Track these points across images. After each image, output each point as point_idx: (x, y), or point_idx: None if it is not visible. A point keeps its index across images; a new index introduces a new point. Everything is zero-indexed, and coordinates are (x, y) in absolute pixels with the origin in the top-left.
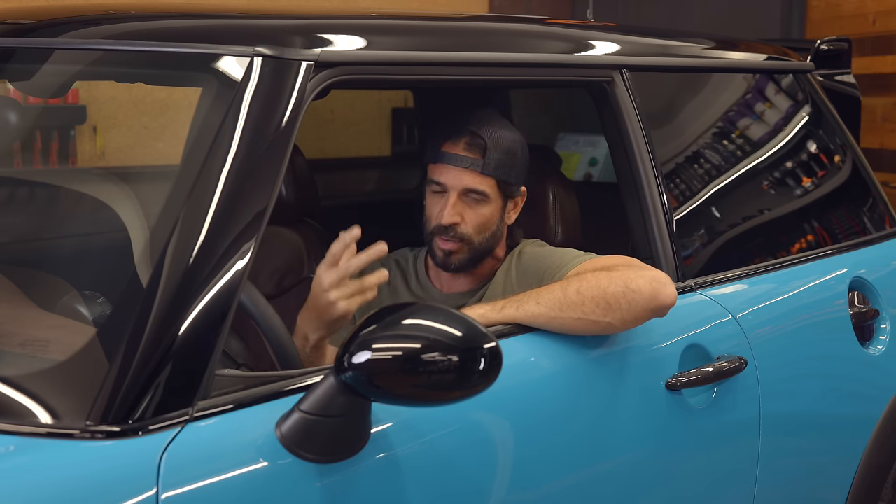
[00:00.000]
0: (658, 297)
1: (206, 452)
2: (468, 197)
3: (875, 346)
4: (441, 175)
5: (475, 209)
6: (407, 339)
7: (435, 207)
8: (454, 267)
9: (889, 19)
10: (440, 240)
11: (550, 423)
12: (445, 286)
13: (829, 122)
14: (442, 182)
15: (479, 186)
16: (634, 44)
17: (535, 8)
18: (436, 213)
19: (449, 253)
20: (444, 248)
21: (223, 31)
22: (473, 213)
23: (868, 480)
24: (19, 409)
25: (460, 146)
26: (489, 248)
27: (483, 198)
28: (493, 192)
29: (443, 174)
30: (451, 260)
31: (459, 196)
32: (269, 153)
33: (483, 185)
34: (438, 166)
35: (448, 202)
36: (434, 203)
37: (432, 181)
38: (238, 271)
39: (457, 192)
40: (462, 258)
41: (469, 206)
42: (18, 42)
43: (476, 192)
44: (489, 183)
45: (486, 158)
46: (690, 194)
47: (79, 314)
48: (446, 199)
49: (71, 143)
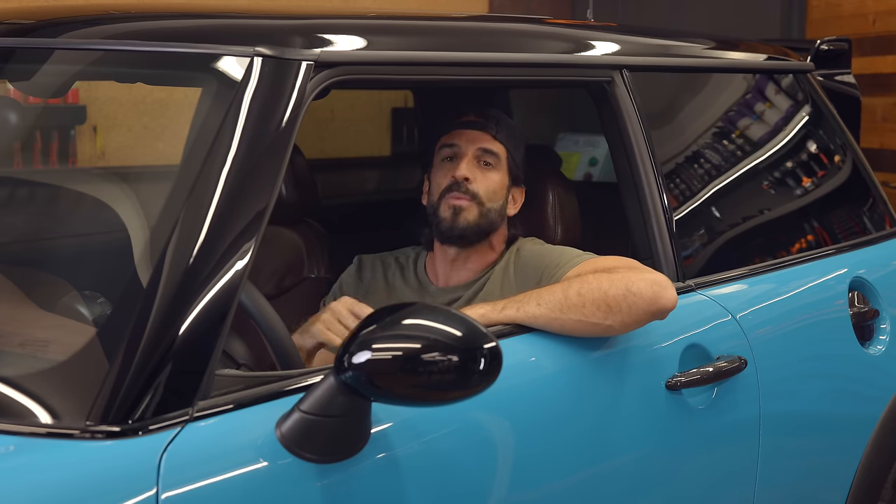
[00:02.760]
0: (659, 301)
1: (206, 452)
2: (481, 161)
3: (875, 346)
4: (454, 138)
5: (486, 173)
6: (407, 339)
7: (445, 173)
8: (461, 227)
9: (889, 19)
10: (451, 196)
11: (550, 423)
12: (442, 280)
13: (829, 122)
14: (456, 143)
15: (492, 147)
16: (634, 44)
17: (535, 8)
18: (447, 178)
19: (459, 210)
20: (454, 203)
21: (223, 31)
22: (484, 177)
23: (868, 480)
24: (19, 409)
25: (472, 115)
26: (494, 220)
27: (495, 162)
28: (503, 161)
29: (456, 137)
30: (460, 219)
31: (473, 157)
32: (269, 153)
33: (495, 148)
34: (451, 133)
35: (462, 160)
36: (444, 169)
37: (445, 146)
38: (238, 271)
39: (471, 153)
40: (470, 219)
41: (481, 170)
42: (18, 42)
43: (489, 152)
44: (500, 148)
45: (499, 126)
46: (690, 194)
47: (79, 314)
48: (459, 160)
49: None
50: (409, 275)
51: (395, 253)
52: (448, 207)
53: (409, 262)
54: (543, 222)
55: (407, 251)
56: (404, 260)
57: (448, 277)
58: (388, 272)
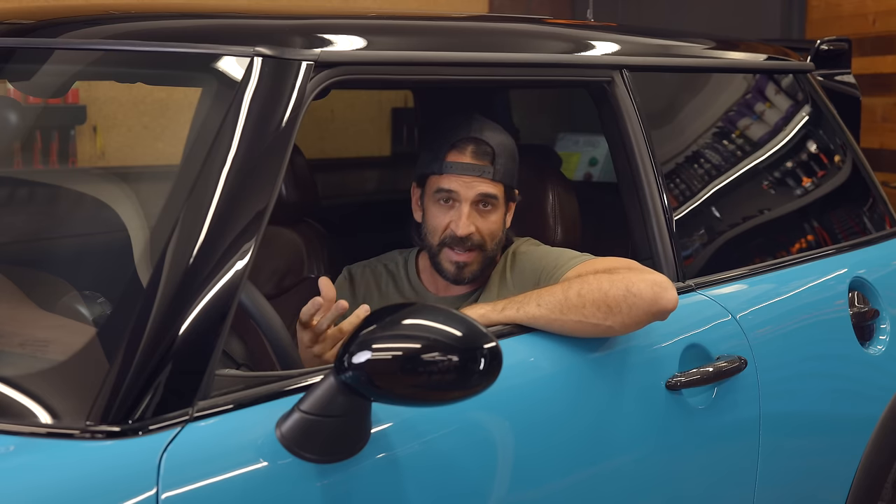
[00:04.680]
0: (659, 302)
1: (206, 452)
2: (479, 207)
3: (875, 346)
4: (451, 184)
5: (486, 217)
6: (407, 339)
7: (443, 219)
8: (467, 279)
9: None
10: (453, 252)
11: (550, 422)
12: (441, 289)
13: (829, 122)
14: (453, 190)
15: (491, 190)
16: (634, 44)
17: (535, 8)
18: (444, 224)
19: (463, 265)
20: (458, 260)
21: (223, 31)
22: (485, 222)
23: (868, 480)
24: (19, 409)
25: (468, 154)
26: (496, 254)
27: (493, 205)
28: (501, 199)
29: (453, 183)
30: (465, 272)
31: (471, 206)
32: (269, 153)
33: (494, 191)
34: (446, 176)
35: (462, 213)
36: (441, 214)
37: (441, 190)
38: (238, 271)
39: (469, 202)
40: (475, 269)
41: (481, 216)
42: (18, 42)
43: (488, 197)
44: (499, 189)
45: (496, 165)
46: (690, 194)
47: (79, 314)
48: (459, 210)
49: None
50: (403, 283)
51: (383, 259)
52: (450, 262)
53: (400, 270)
54: (543, 222)
55: (394, 257)
56: (394, 267)
57: (445, 289)
58: (380, 282)
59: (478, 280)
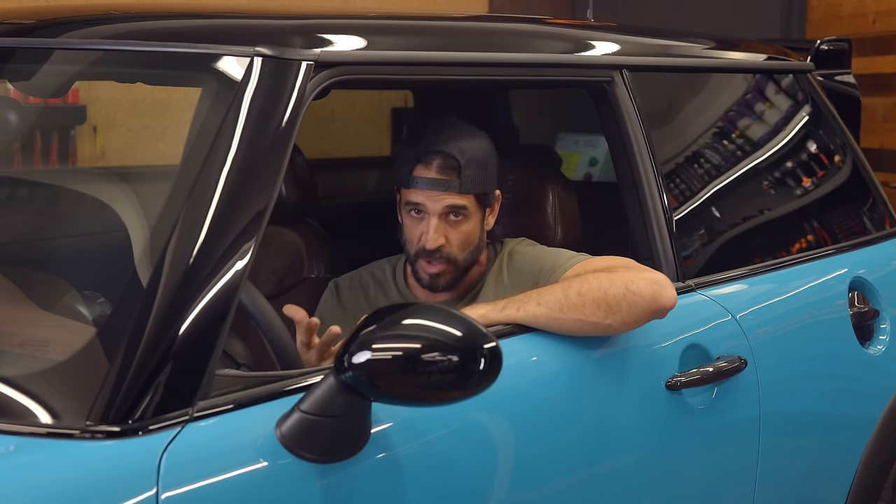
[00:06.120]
0: (658, 300)
1: (206, 452)
2: (449, 218)
3: (875, 346)
4: (418, 197)
5: (457, 228)
6: (407, 339)
7: (415, 230)
8: (441, 287)
9: (889, 19)
10: (425, 262)
11: (550, 423)
12: (430, 295)
13: (829, 122)
14: (420, 204)
15: (458, 202)
16: (634, 44)
17: (535, 8)
18: (417, 235)
19: (436, 275)
20: (430, 271)
21: (223, 31)
22: (456, 233)
23: (868, 480)
24: (19, 409)
25: (433, 169)
26: (473, 261)
27: (463, 215)
28: (472, 207)
29: (419, 197)
30: (439, 282)
31: (440, 218)
32: (269, 153)
33: (462, 201)
34: (413, 191)
35: (430, 226)
36: (413, 225)
37: (409, 203)
38: (238, 271)
39: (437, 214)
40: (449, 279)
41: (451, 226)
42: (18, 42)
43: (456, 208)
44: (468, 199)
45: (462, 177)
46: (690, 194)
47: (79, 314)
48: (427, 223)
49: (71, 143)
50: (391, 291)
51: (369, 268)
52: (425, 273)
53: (388, 277)
54: (543, 222)
55: (381, 265)
56: (381, 275)
57: (433, 296)
58: (368, 293)
59: (455, 288)
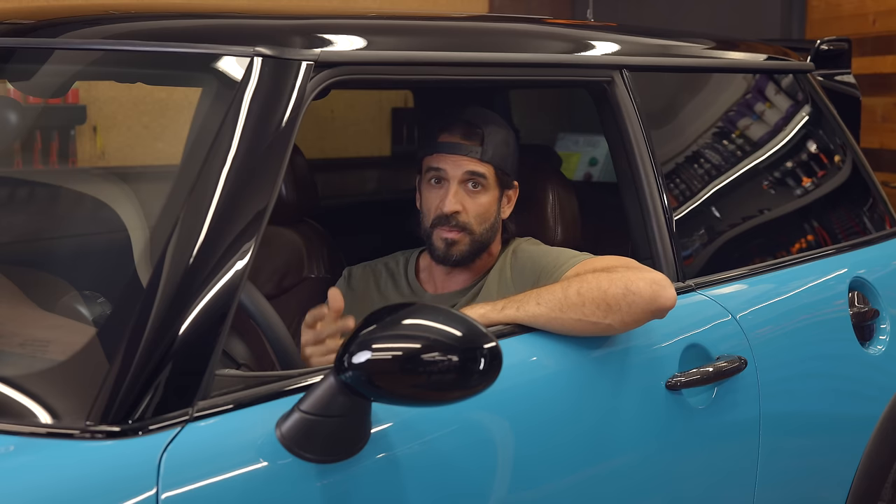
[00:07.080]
0: (658, 300)
1: (206, 452)
2: (468, 185)
3: (875, 346)
4: (440, 162)
5: (475, 198)
6: (407, 339)
7: (434, 199)
8: (455, 259)
9: (889, 19)
10: (441, 230)
11: (550, 423)
12: (439, 286)
13: (829, 122)
14: (441, 168)
15: (479, 168)
16: (634, 44)
17: (535, 8)
18: (435, 204)
19: (451, 243)
20: (446, 237)
21: (223, 31)
22: (473, 203)
23: (868, 480)
24: (19, 409)
25: (457, 135)
26: (488, 240)
27: (483, 184)
28: (492, 180)
29: (441, 161)
30: (453, 251)
31: (460, 184)
32: (269, 153)
33: (482, 170)
34: (436, 156)
35: (449, 191)
36: (432, 194)
37: (431, 168)
38: (238, 271)
39: (457, 180)
40: (463, 249)
41: (469, 195)
42: (18, 42)
43: (476, 175)
44: (487, 168)
45: (485, 146)
46: (690, 194)
47: (79, 314)
48: (446, 189)
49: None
50: (402, 282)
51: (385, 260)
52: (440, 240)
53: (400, 269)
54: (543, 222)
55: (396, 257)
56: (394, 266)
57: (443, 285)
58: (379, 281)
59: (467, 266)
